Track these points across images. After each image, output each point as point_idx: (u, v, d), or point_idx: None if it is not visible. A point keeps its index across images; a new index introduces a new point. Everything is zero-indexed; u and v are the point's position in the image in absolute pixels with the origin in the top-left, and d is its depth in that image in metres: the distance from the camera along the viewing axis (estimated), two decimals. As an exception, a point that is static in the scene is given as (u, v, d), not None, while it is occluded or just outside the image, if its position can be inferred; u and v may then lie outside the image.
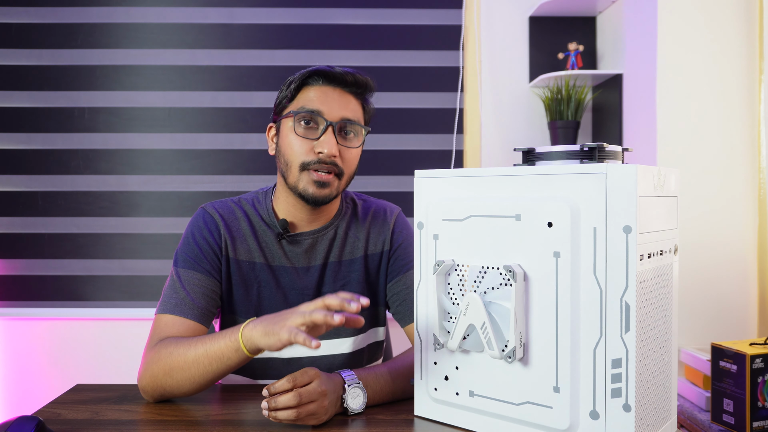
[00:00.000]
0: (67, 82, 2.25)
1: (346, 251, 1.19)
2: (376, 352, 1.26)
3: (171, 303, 1.07)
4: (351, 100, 1.12)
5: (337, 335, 1.17)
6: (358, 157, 1.15)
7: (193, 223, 1.15)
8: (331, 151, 1.07)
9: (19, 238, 2.25)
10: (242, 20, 2.26)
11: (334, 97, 1.10)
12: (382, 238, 1.21)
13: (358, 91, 1.13)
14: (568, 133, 2.14)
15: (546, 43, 2.27)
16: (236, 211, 1.17)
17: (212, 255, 1.12)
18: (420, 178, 0.92)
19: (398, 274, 1.19)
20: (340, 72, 1.11)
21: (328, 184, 1.09)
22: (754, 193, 1.74)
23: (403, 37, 2.27)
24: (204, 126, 2.26)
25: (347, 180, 1.13)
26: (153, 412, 0.97)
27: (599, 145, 0.79)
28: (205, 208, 1.17)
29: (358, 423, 0.91)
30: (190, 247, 1.13)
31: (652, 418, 0.78)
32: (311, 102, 1.09)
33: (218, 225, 1.14)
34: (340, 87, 1.11)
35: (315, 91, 1.10)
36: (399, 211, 1.25)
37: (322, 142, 1.07)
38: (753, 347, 1.27)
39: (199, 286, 1.09)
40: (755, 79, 1.74)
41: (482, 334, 0.82)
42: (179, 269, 1.11)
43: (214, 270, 1.12)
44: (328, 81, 1.11)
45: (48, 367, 2.29)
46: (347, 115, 1.10)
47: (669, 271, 0.82)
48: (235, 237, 1.14)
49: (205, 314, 1.08)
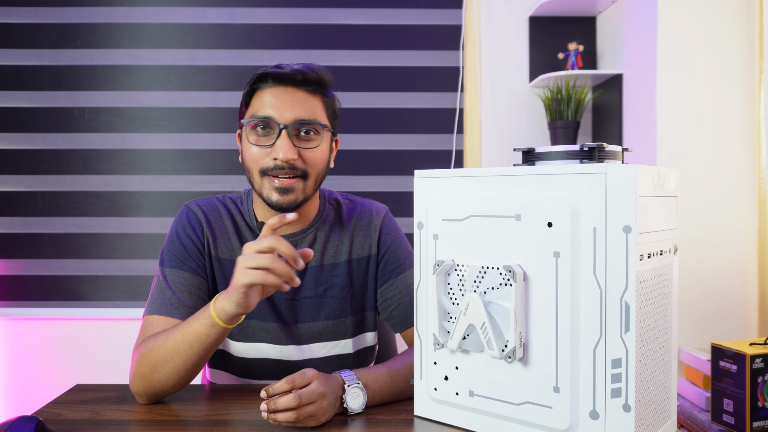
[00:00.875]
0: (67, 82, 2.25)
1: (328, 255, 1.16)
2: (366, 358, 1.23)
3: (157, 303, 1.06)
4: (306, 98, 1.07)
5: (318, 340, 1.15)
6: (325, 153, 1.10)
7: (177, 221, 1.14)
8: (286, 155, 1.03)
9: (19, 238, 2.25)
10: (242, 20, 2.26)
11: (285, 99, 1.06)
12: (369, 242, 1.18)
13: (311, 88, 1.08)
14: (568, 133, 2.14)
15: (546, 43, 2.27)
16: (220, 208, 1.15)
17: (197, 253, 1.11)
18: (420, 178, 0.92)
19: (389, 279, 1.17)
20: (289, 71, 1.06)
21: (292, 189, 1.06)
22: (754, 193, 1.74)
23: (403, 37, 2.27)
24: (204, 126, 2.26)
25: (315, 180, 1.10)
26: (153, 412, 0.97)
27: (599, 145, 0.79)
28: (189, 206, 1.15)
29: (358, 423, 0.91)
30: (175, 245, 1.11)
31: (651, 418, 0.78)
32: (263, 107, 1.06)
33: (201, 222, 1.13)
34: (292, 86, 1.07)
35: (266, 95, 1.07)
36: (386, 212, 1.22)
37: (276, 148, 1.04)
38: (753, 347, 1.27)
39: (185, 285, 1.08)
40: (755, 79, 1.74)
41: (482, 334, 0.82)
42: (165, 269, 1.10)
43: (199, 268, 1.11)
44: (277, 82, 1.07)
45: (48, 367, 2.29)
46: (301, 115, 1.05)
47: (669, 271, 0.82)
48: (217, 235, 1.13)
49: (191, 313, 1.06)
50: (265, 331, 1.14)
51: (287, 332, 1.15)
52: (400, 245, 1.20)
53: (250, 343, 1.14)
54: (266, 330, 1.14)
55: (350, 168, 2.27)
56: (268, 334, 1.14)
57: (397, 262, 1.17)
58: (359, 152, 2.27)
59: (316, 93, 1.09)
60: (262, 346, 1.15)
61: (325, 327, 1.15)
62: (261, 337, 1.14)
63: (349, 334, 1.17)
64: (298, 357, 1.15)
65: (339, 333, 1.16)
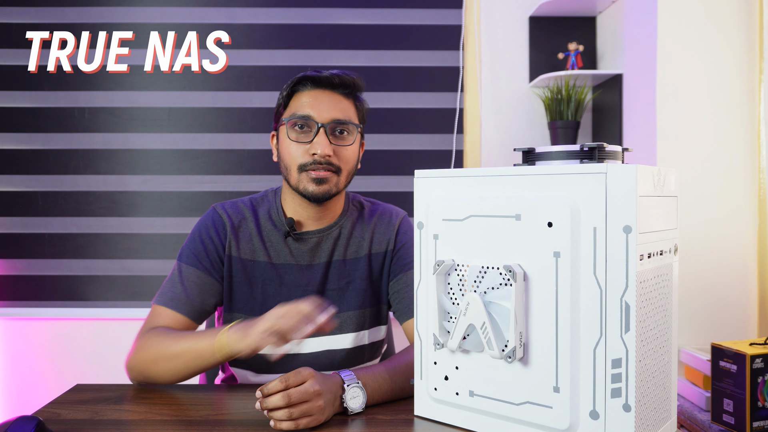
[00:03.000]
0: (67, 82, 2.25)
1: (351, 250, 1.22)
2: (377, 350, 1.28)
3: (167, 296, 1.14)
4: (341, 100, 1.16)
5: (340, 331, 1.20)
6: (356, 152, 1.19)
7: (202, 222, 1.21)
8: (324, 151, 1.12)
9: (19, 238, 2.25)
10: (242, 20, 2.26)
11: (323, 100, 1.14)
12: (387, 238, 1.24)
13: (346, 91, 1.17)
14: (568, 133, 2.14)
15: (546, 43, 2.27)
16: (245, 211, 1.22)
17: (215, 254, 1.18)
18: (420, 178, 0.92)
19: (399, 273, 1.22)
20: (327, 75, 1.15)
21: (327, 180, 1.13)
22: (754, 193, 1.74)
23: (403, 37, 2.27)
24: (204, 126, 2.26)
25: (347, 175, 1.18)
26: (153, 412, 0.97)
27: (599, 145, 0.79)
28: (216, 208, 1.22)
29: (358, 423, 0.91)
30: (195, 244, 1.19)
31: (651, 418, 0.78)
32: (302, 107, 1.14)
33: (225, 225, 1.19)
34: (329, 89, 1.16)
35: (305, 96, 1.15)
36: (405, 215, 1.30)
37: (315, 144, 1.12)
38: (753, 347, 1.27)
39: (196, 283, 1.15)
40: (755, 79, 1.74)
41: (482, 334, 0.82)
42: (182, 264, 1.17)
43: (214, 269, 1.17)
44: (316, 85, 1.16)
45: (48, 367, 2.29)
46: (337, 115, 1.14)
47: (669, 271, 0.82)
48: (240, 237, 1.19)
49: (198, 311, 1.15)
50: None
51: None
52: (411, 245, 1.26)
53: None
54: None
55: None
56: None
57: (407, 258, 1.24)
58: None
59: (349, 96, 1.18)
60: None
61: (347, 318, 1.20)
62: None
63: (367, 325, 1.23)
64: (318, 348, 1.19)
65: (359, 324, 1.22)
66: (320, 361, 1.19)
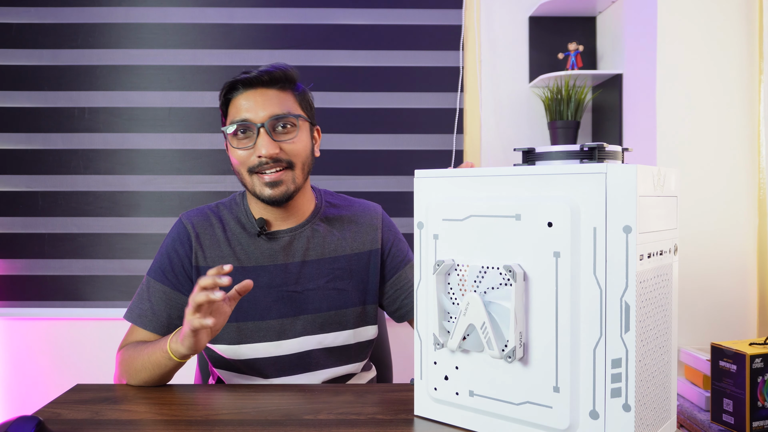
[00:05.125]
0: (67, 82, 2.25)
1: (329, 249, 1.20)
2: (365, 351, 1.26)
3: (135, 313, 1.17)
4: (276, 95, 1.13)
5: (321, 331, 1.18)
6: (306, 143, 1.16)
7: (169, 235, 1.21)
8: (268, 151, 1.10)
9: (19, 238, 2.25)
10: (242, 20, 2.26)
11: (257, 100, 1.12)
12: (370, 237, 1.23)
13: (280, 86, 1.14)
14: (568, 133, 2.14)
15: (546, 43, 2.27)
16: (211, 217, 1.20)
17: (180, 268, 1.17)
18: (420, 178, 0.92)
19: (397, 270, 1.22)
20: (256, 74, 1.12)
21: (281, 182, 1.12)
22: (754, 193, 1.74)
23: (403, 37, 2.27)
24: (204, 126, 2.26)
25: (303, 168, 1.15)
26: (153, 412, 0.97)
27: (599, 145, 0.79)
28: (182, 218, 1.21)
29: (359, 423, 0.91)
30: (162, 258, 1.19)
31: (651, 417, 0.78)
32: (239, 112, 1.12)
33: (189, 236, 1.18)
34: (261, 87, 1.13)
35: (240, 100, 1.13)
36: (382, 210, 1.29)
37: (258, 146, 1.11)
38: (753, 347, 1.27)
39: (163, 299, 1.16)
40: (755, 79, 1.74)
41: (482, 334, 0.82)
42: (150, 279, 1.18)
43: (180, 284, 1.17)
44: (247, 86, 1.13)
45: (48, 367, 2.29)
46: (274, 111, 1.11)
47: (669, 271, 0.82)
48: (206, 245, 1.18)
49: (165, 325, 1.16)
50: (263, 330, 1.15)
51: (289, 326, 1.16)
52: (399, 239, 1.27)
53: (249, 344, 1.15)
54: (264, 329, 1.15)
55: (350, 168, 2.27)
56: (266, 333, 1.15)
57: (401, 255, 1.23)
58: (359, 152, 2.27)
59: (286, 89, 1.15)
60: (260, 345, 1.15)
61: (327, 318, 1.18)
62: (259, 336, 1.15)
63: (350, 325, 1.21)
64: (299, 349, 1.17)
65: (341, 324, 1.19)
66: (303, 362, 1.18)
